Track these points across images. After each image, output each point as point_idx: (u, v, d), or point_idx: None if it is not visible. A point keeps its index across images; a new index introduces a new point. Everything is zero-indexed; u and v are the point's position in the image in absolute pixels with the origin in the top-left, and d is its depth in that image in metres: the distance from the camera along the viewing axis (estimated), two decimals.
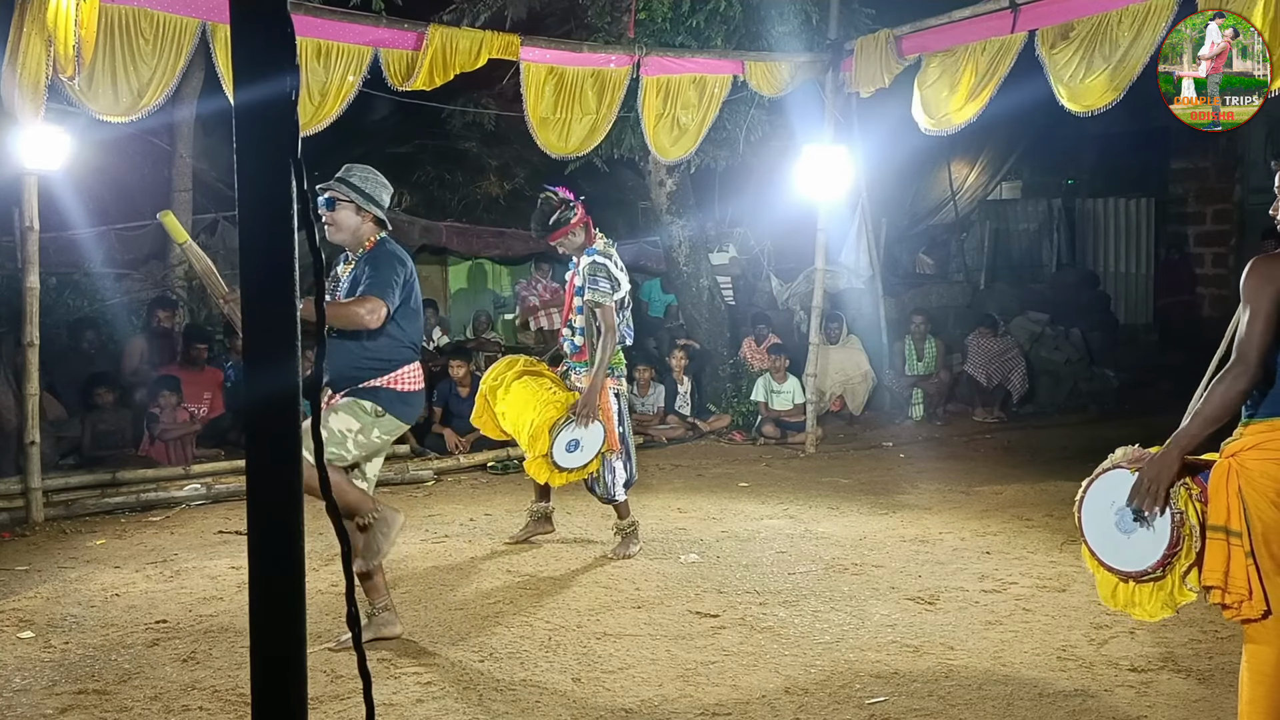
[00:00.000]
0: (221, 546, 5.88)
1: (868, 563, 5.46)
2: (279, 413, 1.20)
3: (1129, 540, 2.93)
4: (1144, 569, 2.90)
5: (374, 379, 4.26)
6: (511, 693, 3.84)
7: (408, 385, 4.34)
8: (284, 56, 1.17)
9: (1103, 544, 3.01)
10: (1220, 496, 2.81)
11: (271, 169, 1.18)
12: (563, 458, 5.35)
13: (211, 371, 8.22)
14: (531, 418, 5.36)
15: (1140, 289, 13.73)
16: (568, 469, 5.40)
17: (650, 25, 8.65)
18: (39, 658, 4.19)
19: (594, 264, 5.39)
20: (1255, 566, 2.76)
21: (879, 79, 7.89)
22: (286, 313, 1.20)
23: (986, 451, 8.74)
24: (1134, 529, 2.92)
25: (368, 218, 4.29)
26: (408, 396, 4.34)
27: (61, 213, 8.82)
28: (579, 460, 5.40)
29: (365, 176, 4.33)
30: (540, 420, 5.33)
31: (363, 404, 4.22)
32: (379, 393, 4.26)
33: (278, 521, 1.21)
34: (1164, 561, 2.87)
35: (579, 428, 5.32)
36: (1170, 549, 2.83)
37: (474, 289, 12.05)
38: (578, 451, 5.38)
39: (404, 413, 4.36)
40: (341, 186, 4.26)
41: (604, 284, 5.37)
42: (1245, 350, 2.79)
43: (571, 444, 5.35)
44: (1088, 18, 6.50)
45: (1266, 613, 2.78)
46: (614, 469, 5.58)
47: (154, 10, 6.26)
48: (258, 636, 1.22)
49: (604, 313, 5.37)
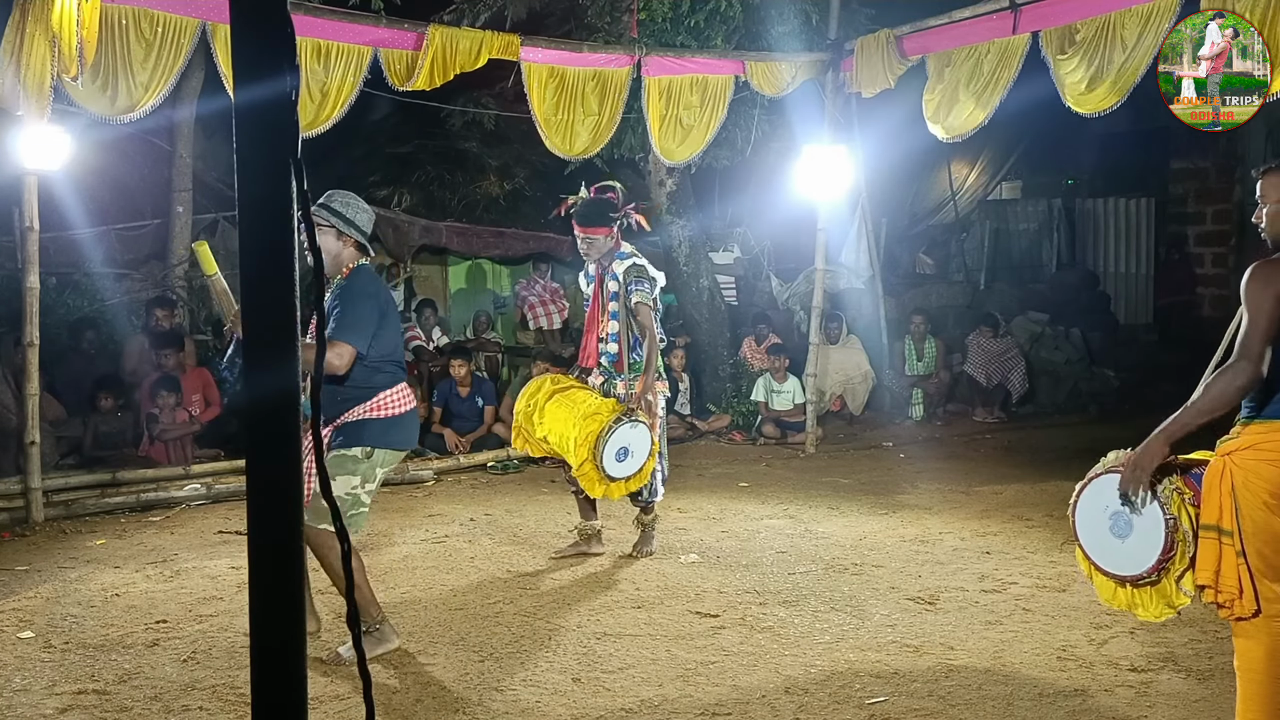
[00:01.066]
0: (221, 546, 5.88)
1: (868, 563, 5.46)
2: (279, 413, 1.20)
3: (1123, 545, 2.94)
4: (1139, 573, 2.91)
5: (356, 408, 4.18)
6: (511, 693, 3.84)
7: (393, 410, 4.23)
8: (284, 56, 1.17)
9: (1097, 548, 3.02)
10: (1214, 496, 2.82)
11: (271, 169, 1.18)
12: (613, 467, 5.14)
13: (198, 372, 8.16)
14: (574, 434, 5.17)
15: (1140, 289, 13.73)
16: (620, 478, 5.19)
17: (651, 25, 8.65)
18: (39, 658, 4.19)
19: (635, 266, 5.31)
20: (1246, 566, 2.77)
21: (882, 80, 7.89)
22: (286, 313, 1.20)
23: (986, 451, 8.74)
24: (1128, 533, 2.92)
25: (348, 242, 4.27)
26: (396, 421, 4.25)
27: (61, 213, 8.81)
28: (630, 468, 5.20)
29: (346, 202, 4.32)
30: (583, 432, 5.13)
31: (351, 454, 4.14)
32: (364, 427, 4.18)
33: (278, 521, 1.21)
34: (1159, 566, 2.88)
35: (628, 431, 5.13)
36: (1165, 554, 2.84)
37: (474, 289, 12.05)
38: (628, 459, 5.17)
39: (396, 440, 4.28)
40: (323, 212, 4.25)
41: (646, 285, 5.29)
42: (1247, 347, 2.80)
43: (621, 452, 5.14)
44: (1091, 20, 6.50)
45: (1257, 611, 2.79)
46: (654, 477, 5.46)
47: (154, 10, 6.26)
48: (258, 636, 1.22)
49: (647, 314, 5.25)
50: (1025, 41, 6.92)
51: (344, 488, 4.09)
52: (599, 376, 5.44)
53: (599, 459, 5.08)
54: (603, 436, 5.07)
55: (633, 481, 5.27)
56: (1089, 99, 6.53)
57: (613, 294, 5.32)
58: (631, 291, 5.26)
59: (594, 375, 5.47)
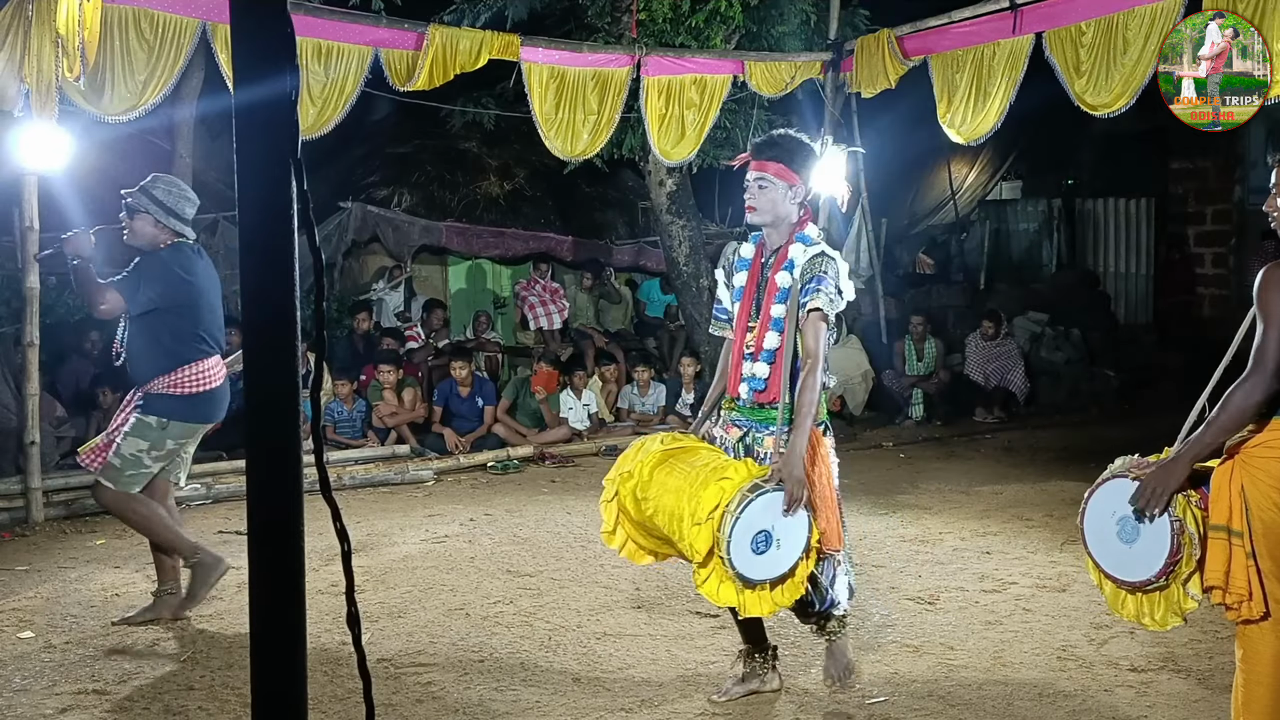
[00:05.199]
0: (221, 546, 5.84)
1: (868, 563, 5.46)
2: (279, 413, 1.20)
3: (1130, 550, 2.89)
4: (1147, 579, 2.86)
5: (159, 380, 4.42)
6: (512, 693, 3.84)
7: (190, 387, 4.44)
8: (284, 56, 1.17)
9: (1106, 555, 2.97)
10: (1223, 495, 2.78)
11: (271, 169, 1.18)
12: (747, 563, 3.28)
13: None
14: (688, 508, 3.33)
15: (1140, 289, 13.73)
16: (758, 581, 3.32)
17: (650, 26, 8.65)
18: (39, 658, 4.19)
19: (823, 258, 3.50)
20: (1256, 567, 2.74)
21: (882, 80, 7.89)
22: (286, 313, 1.20)
23: (986, 451, 8.74)
24: (1135, 538, 2.88)
25: (164, 229, 4.48)
26: (193, 399, 4.45)
27: (61, 213, 8.81)
28: (776, 566, 3.34)
29: (169, 190, 4.51)
30: (700, 506, 3.29)
31: (147, 420, 4.42)
32: (160, 400, 4.42)
33: (278, 521, 1.21)
34: (1166, 570, 2.83)
35: (769, 506, 3.30)
36: (1171, 558, 2.80)
37: (474, 289, 12.05)
38: (771, 550, 3.32)
39: (192, 414, 4.49)
40: (143, 199, 4.45)
41: (832, 288, 3.47)
42: (1263, 359, 2.72)
43: (761, 539, 3.30)
44: (1095, 20, 6.49)
45: (1266, 614, 2.75)
46: (834, 573, 3.63)
47: (154, 10, 6.27)
48: (258, 636, 1.22)
49: (816, 333, 3.45)
50: (1029, 42, 6.92)
51: (131, 448, 4.40)
52: (731, 425, 3.65)
53: (724, 547, 3.24)
54: (730, 512, 3.24)
55: (783, 591, 3.39)
56: (1099, 99, 6.52)
57: (781, 291, 3.53)
58: (808, 294, 3.46)
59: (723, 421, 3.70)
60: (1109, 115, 6.57)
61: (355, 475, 7.49)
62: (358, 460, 7.89)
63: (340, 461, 7.78)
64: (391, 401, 8.55)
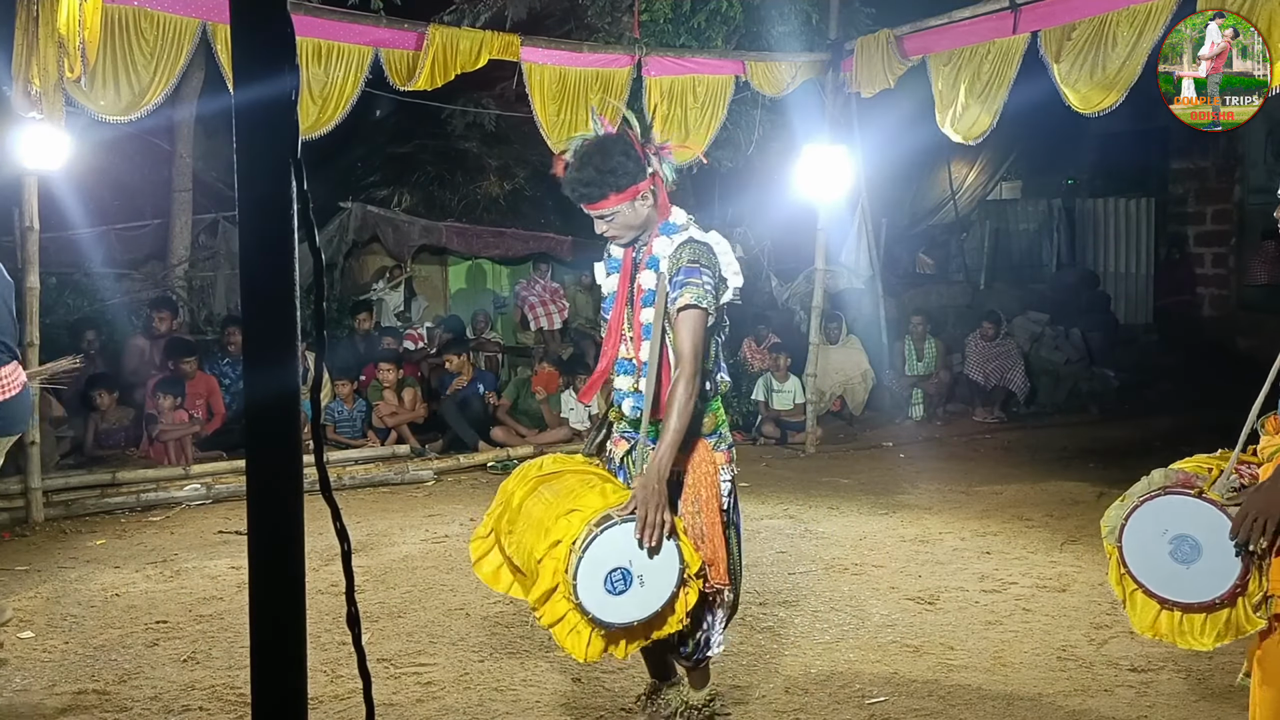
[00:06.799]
0: (221, 546, 5.88)
1: (868, 563, 5.46)
2: (279, 413, 1.20)
3: (1188, 570, 2.72)
4: (1210, 599, 2.69)
5: None
6: (512, 693, 3.84)
7: None
8: (284, 56, 1.17)
9: (1153, 575, 2.77)
10: None
11: (271, 169, 1.18)
12: (600, 604, 2.83)
13: (204, 378, 8.16)
14: (541, 545, 2.91)
15: (1140, 289, 13.73)
16: (616, 625, 2.87)
17: (651, 26, 8.66)
18: (39, 658, 4.19)
19: (691, 245, 3.07)
20: None
21: (882, 80, 7.89)
22: (286, 313, 1.20)
23: (986, 451, 8.74)
24: (1195, 559, 2.70)
25: None
26: None
27: (61, 213, 8.82)
28: (643, 607, 2.88)
29: None
30: (549, 539, 2.89)
31: None
32: None
33: (278, 521, 1.21)
34: (1234, 591, 2.66)
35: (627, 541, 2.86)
36: (1241, 578, 2.65)
37: (474, 289, 12.06)
38: (633, 589, 2.87)
39: None
40: None
41: (707, 278, 3.04)
42: None
43: (617, 577, 2.85)
44: (1088, 20, 6.50)
45: None
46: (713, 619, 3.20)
47: (155, 10, 6.27)
48: (258, 636, 1.22)
49: (694, 327, 3.01)
50: (1024, 41, 6.92)
51: None
52: (620, 438, 3.32)
53: (571, 590, 2.81)
54: (575, 550, 2.83)
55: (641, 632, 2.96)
56: (1089, 98, 6.53)
57: (647, 294, 3.14)
58: (676, 289, 3.03)
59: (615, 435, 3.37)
60: (1098, 114, 6.57)
61: (355, 475, 7.49)
62: (358, 460, 7.90)
63: (340, 461, 7.79)
64: (392, 401, 8.56)
